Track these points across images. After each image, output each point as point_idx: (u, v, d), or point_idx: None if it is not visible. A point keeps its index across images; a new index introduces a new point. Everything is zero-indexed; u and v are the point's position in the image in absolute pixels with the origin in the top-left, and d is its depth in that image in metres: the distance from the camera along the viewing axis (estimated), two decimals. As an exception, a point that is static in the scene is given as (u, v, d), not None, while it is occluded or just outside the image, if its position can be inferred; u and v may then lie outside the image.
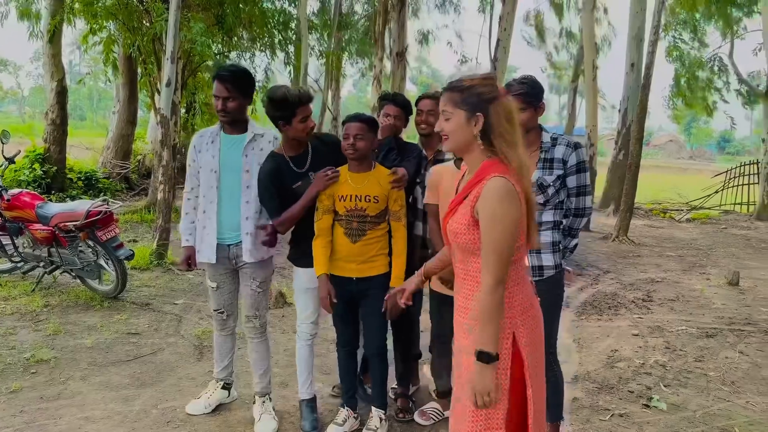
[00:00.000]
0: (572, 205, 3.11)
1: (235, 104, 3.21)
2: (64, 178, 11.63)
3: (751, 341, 5.39)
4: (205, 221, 3.34)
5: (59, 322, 5.12)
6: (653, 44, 10.61)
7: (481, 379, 2.04)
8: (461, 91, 2.11)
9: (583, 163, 3.07)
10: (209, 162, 3.30)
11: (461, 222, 2.12)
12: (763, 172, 14.91)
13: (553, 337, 3.13)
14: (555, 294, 3.11)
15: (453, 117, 2.12)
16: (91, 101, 71.58)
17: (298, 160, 3.25)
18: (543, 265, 3.04)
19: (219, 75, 3.22)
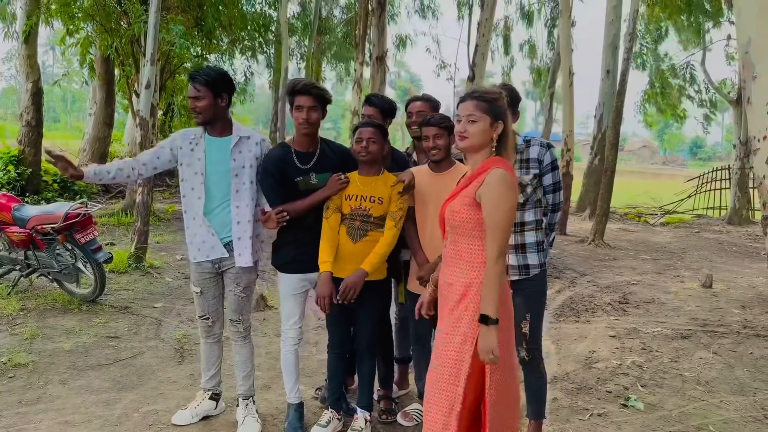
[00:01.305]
0: (549, 201, 3.25)
1: (205, 103, 3.20)
2: (39, 180, 11.45)
3: (724, 342, 5.52)
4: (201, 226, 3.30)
5: (36, 326, 5.05)
6: (628, 51, 10.82)
7: (485, 339, 2.36)
8: (489, 101, 2.47)
9: (556, 161, 3.23)
10: (194, 164, 3.28)
11: (462, 203, 2.47)
12: (734, 178, 15.26)
13: (538, 335, 3.20)
14: (540, 292, 3.21)
15: (479, 121, 2.47)
16: (65, 103, 70.49)
17: (304, 156, 3.28)
18: (528, 264, 3.12)
19: (191, 75, 3.26)
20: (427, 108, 3.76)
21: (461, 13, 16.88)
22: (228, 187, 3.28)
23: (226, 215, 3.30)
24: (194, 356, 4.62)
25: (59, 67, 59.16)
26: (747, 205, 15.26)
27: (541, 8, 18.86)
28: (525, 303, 3.14)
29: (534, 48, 20.15)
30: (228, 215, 3.29)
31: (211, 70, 3.26)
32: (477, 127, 2.47)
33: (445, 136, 3.29)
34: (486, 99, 2.47)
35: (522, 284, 3.13)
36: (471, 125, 2.47)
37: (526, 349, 3.17)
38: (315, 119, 3.21)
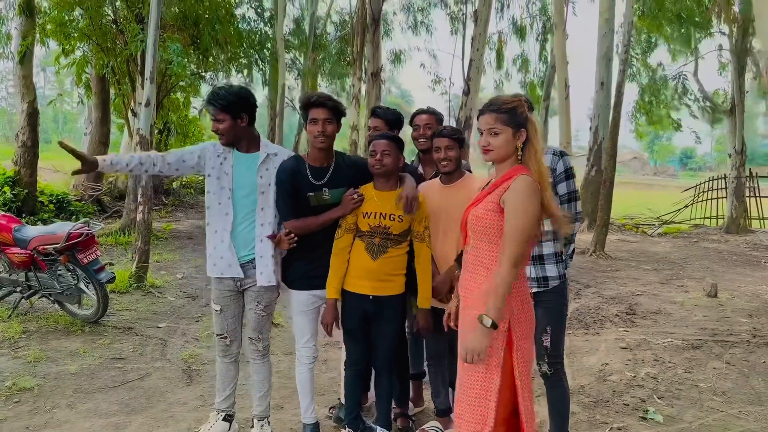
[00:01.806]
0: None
1: (225, 126, 3.15)
2: (34, 201, 11.33)
3: (736, 352, 5.48)
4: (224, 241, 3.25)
5: (40, 349, 4.94)
6: (624, 63, 10.88)
7: (476, 339, 2.40)
8: (507, 112, 2.47)
9: (571, 169, 3.16)
10: (222, 178, 3.22)
11: (486, 208, 2.48)
12: (730, 187, 15.32)
13: (560, 349, 3.14)
14: (561, 304, 3.14)
15: (502, 133, 2.48)
16: (57, 123, 70.27)
17: (318, 172, 3.22)
18: (548, 276, 3.06)
19: (207, 99, 3.22)
20: (433, 120, 3.76)
21: (454, 27, 16.98)
22: (253, 204, 3.22)
23: (250, 232, 3.24)
24: (202, 376, 4.53)
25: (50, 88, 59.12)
26: (744, 213, 15.30)
27: (533, 23, 19.00)
28: (545, 315, 3.08)
29: (527, 62, 20.26)
30: (252, 232, 3.24)
31: (228, 93, 3.19)
32: (500, 140, 2.48)
33: (456, 148, 3.27)
34: (505, 110, 2.47)
35: (541, 296, 3.07)
36: (494, 138, 2.49)
37: (547, 362, 3.12)
38: (331, 132, 3.16)
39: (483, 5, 13.00)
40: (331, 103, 3.15)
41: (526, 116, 2.49)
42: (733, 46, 14.99)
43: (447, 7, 17.75)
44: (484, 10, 13.00)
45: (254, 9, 14.04)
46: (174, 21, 10.97)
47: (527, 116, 2.49)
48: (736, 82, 14.89)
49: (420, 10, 18.84)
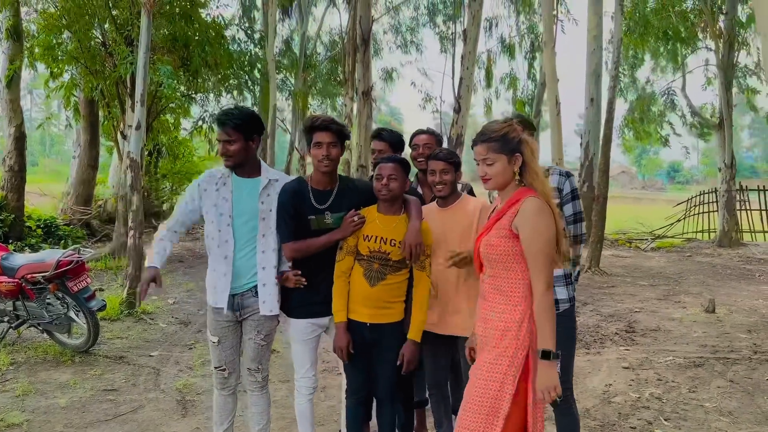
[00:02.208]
0: (571, 233, 3.11)
1: (237, 147, 3.07)
2: (22, 226, 11.16)
3: (738, 369, 5.42)
4: (219, 267, 3.15)
5: (28, 381, 4.79)
6: (614, 80, 10.94)
7: (546, 376, 2.32)
8: (498, 140, 2.45)
9: (576, 190, 3.12)
10: (220, 205, 3.13)
11: (498, 235, 2.44)
12: (721, 201, 15.38)
13: (570, 374, 3.06)
14: (570, 327, 3.07)
15: (497, 162, 2.46)
16: (44, 146, 69.93)
17: (322, 195, 3.14)
18: (558, 299, 2.98)
19: (218, 119, 3.12)
20: (432, 141, 3.72)
21: (444, 46, 17.07)
22: (254, 231, 3.13)
23: (251, 259, 3.14)
24: (198, 407, 4.40)
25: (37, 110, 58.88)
26: (735, 227, 15.35)
27: (522, 41, 19.13)
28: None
29: (515, 80, 20.38)
30: (252, 259, 3.14)
31: (241, 113, 3.12)
32: (495, 168, 2.46)
33: (452, 172, 3.20)
34: (495, 138, 2.46)
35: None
36: (489, 167, 2.48)
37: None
38: (335, 155, 3.09)
39: (472, 24, 13.06)
40: (335, 127, 3.08)
41: (519, 139, 2.45)
42: (720, 61, 15.13)
43: (436, 27, 17.86)
44: (473, 29, 13.06)
45: (244, 30, 14.03)
46: (164, 43, 10.92)
47: (521, 139, 2.46)
48: (723, 96, 15.02)
49: (409, 30, 18.95)
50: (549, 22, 12.15)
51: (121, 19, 10.51)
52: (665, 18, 15.31)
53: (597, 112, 13.84)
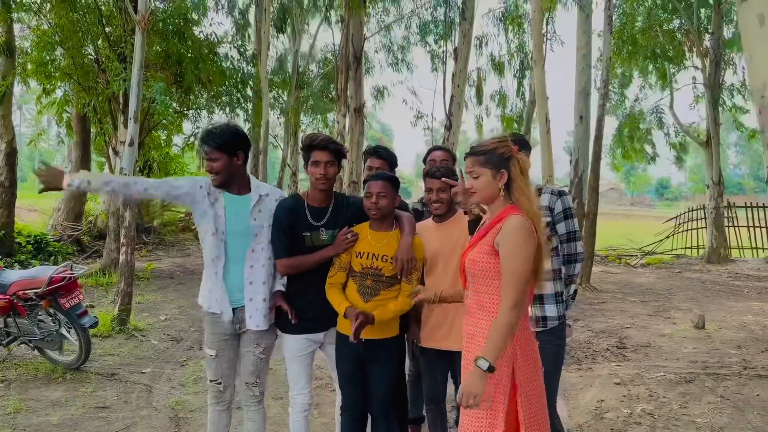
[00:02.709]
0: (565, 252, 3.13)
1: (220, 165, 3.08)
2: (12, 242, 11.10)
3: (729, 385, 5.46)
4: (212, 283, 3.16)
5: (19, 399, 4.76)
6: (603, 98, 11.09)
7: (473, 383, 2.32)
8: (485, 154, 2.49)
9: (570, 209, 3.12)
10: (214, 221, 3.13)
11: (481, 251, 2.47)
12: (710, 217, 15.54)
13: (553, 391, 3.07)
14: (557, 345, 3.09)
15: (481, 176, 2.49)
16: (33, 162, 69.58)
17: (317, 212, 3.18)
18: (547, 316, 3.03)
19: (201, 138, 3.14)
20: (449, 158, 3.79)
21: (435, 65, 17.25)
22: (246, 247, 3.15)
23: (241, 275, 3.16)
24: (191, 425, 4.38)
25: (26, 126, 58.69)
26: (724, 243, 15.50)
27: (511, 60, 19.35)
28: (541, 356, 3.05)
29: (504, 98, 20.58)
30: (243, 275, 3.16)
31: (223, 131, 3.13)
32: (480, 182, 2.50)
33: (448, 190, 3.24)
34: (483, 152, 2.50)
35: (538, 336, 3.01)
36: (474, 181, 2.52)
37: None
38: (332, 174, 3.13)
39: (463, 43, 13.25)
40: (333, 147, 3.12)
41: (508, 156, 2.47)
42: (707, 80, 15.38)
43: (427, 45, 18.06)
44: (464, 48, 13.25)
45: (237, 48, 14.13)
46: (157, 60, 10.99)
47: (510, 156, 2.47)
48: (711, 114, 15.24)
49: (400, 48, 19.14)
50: (538, 41, 12.32)
51: (115, 36, 10.59)
52: (653, 37, 15.56)
53: (586, 130, 13.98)
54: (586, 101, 14.44)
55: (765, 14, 2.57)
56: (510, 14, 17.33)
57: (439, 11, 17.02)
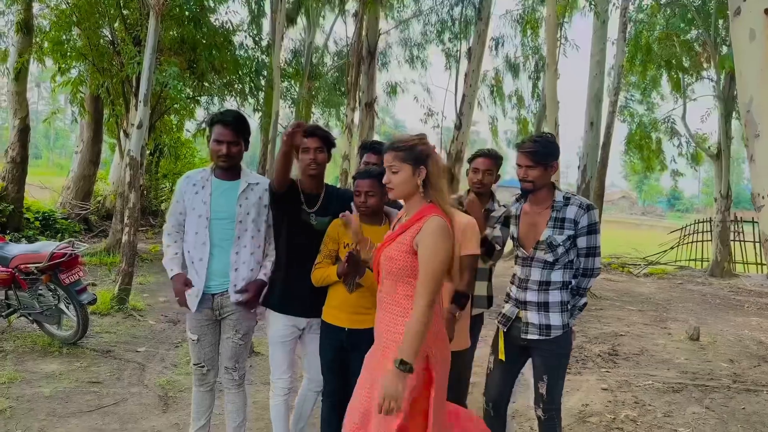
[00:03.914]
0: (581, 265, 3.10)
1: (238, 149, 3.19)
2: (20, 217, 11.26)
3: (715, 396, 5.48)
4: (192, 268, 3.24)
5: (15, 369, 4.87)
6: (613, 105, 11.07)
7: (394, 385, 2.34)
8: (405, 150, 2.51)
9: (595, 224, 3.05)
10: (199, 207, 3.21)
11: (399, 249, 2.48)
12: (716, 231, 15.47)
13: (556, 396, 3.13)
14: (561, 354, 3.12)
15: (401, 171, 2.51)
16: (48, 140, 70.21)
17: (310, 198, 3.27)
18: (551, 324, 3.05)
19: (224, 119, 3.17)
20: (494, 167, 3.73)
21: (449, 64, 17.24)
22: (231, 233, 3.21)
23: (226, 260, 3.23)
24: (179, 404, 4.48)
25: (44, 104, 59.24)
26: (728, 257, 15.42)
27: (526, 61, 19.32)
28: (543, 364, 3.11)
29: (522, 99, 20.55)
30: (227, 262, 3.22)
31: (241, 116, 3.23)
32: (399, 177, 2.52)
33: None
34: (402, 148, 2.51)
35: (541, 344, 3.08)
36: (394, 176, 2.53)
37: (542, 408, 3.14)
38: (322, 160, 3.22)
39: (477, 43, 13.26)
40: (321, 133, 3.22)
41: (427, 154, 2.50)
42: (720, 92, 15.30)
43: (443, 44, 18.04)
44: (477, 48, 13.26)
45: (252, 37, 14.22)
46: (171, 45, 11.09)
47: (429, 154, 2.51)
48: (722, 127, 15.16)
49: (416, 45, 19.15)
50: (552, 45, 12.31)
51: (131, 19, 10.70)
52: (669, 47, 15.49)
53: (596, 136, 13.98)
54: (597, 108, 14.42)
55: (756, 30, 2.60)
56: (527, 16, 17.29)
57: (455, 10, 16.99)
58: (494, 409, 3.29)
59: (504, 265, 13.94)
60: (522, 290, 3.16)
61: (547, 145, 3.05)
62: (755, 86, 2.57)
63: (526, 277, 3.14)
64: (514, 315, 3.19)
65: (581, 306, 3.20)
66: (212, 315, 3.28)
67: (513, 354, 3.22)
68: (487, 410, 3.32)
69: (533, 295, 3.11)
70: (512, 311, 3.21)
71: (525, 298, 3.14)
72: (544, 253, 3.05)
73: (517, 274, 3.23)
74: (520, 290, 3.17)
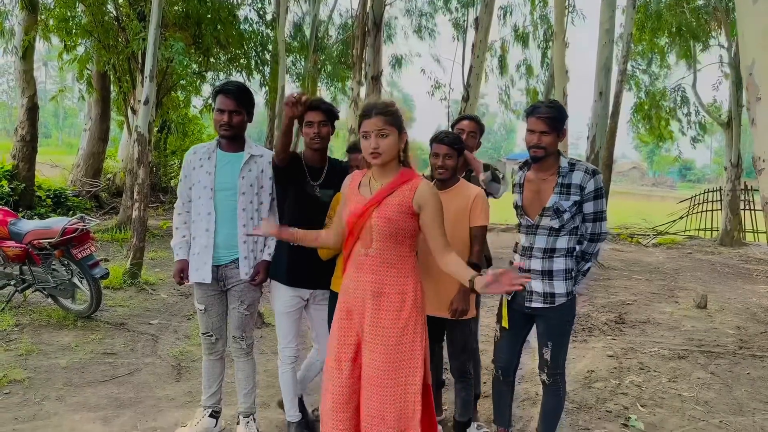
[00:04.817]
0: (588, 230, 3.12)
1: (240, 119, 3.22)
2: (32, 195, 11.39)
3: (721, 362, 5.53)
4: (199, 239, 3.30)
5: (31, 342, 5.00)
6: (622, 74, 10.96)
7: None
8: (392, 114, 2.58)
9: (601, 189, 3.06)
10: (204, 179, 3.26)
11: (398, 211, 2.57)
12: (726, 200, 15.38)
13: (560, 361, 3.19)
14: (565, 321, 3.16)
15: (390, 135, 2.57)
16: (57, 119, 70.43)
17: (314, 171, 3.31)
18: (555, 293, 3.09)
19: (225, 89, 3.20)
20: (476, 129, 3.79)
21: (457, 34, 17.06)
22: (234, 204, 3.26)
23: (232, 232, 3.28)
24: (192, 373, 4.58)
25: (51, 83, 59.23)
26: (738, 226, 15.35)
27: (535, 30, 19.07)
28: (547, 331, 3.15)
29: (531, 69, 20.32)
30: (234, 232, 3.28)
31: (244, 86, 3.27)
32: (389, 141, 2.56)
33: (455, 157, 3.31)
34: (391, 112, 2.57)
35: (546, 312, 3.12)
36: (382, 140, 2.55)
37: (546, 373, 3.21)
38: (326, 133, 3.25)
39: (484, 13, 13.10)
40: (325, 106, 3.23)
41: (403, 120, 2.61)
42: (732, 59, 15.08)
43: (450, 13, 17.82)
44: (485, 18, 13.10)
45: (256, 11, 14.12)
46: (176, 20, 11.04)
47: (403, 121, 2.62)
48: (733, 95, 14.97)
49: (423, 15, 18.94)
50: (560, 14, 12.18)
51: (135, -6, 10.64)
52: (679, 14, 15.24)
53: (605, 106, 13.83)
54: (606, 77, 14.25)
55: (759, -9, 2.58)
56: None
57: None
58: (503, 375, 3.37)
59: (507, 237, 13.96)
60: (526, 258, 3.18)
61: (561, 110, 3.04)
62: (757, 49, 2.56)
63: (531, 245, 3.15)
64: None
65: (585, 271, 3.22)
66: (218, 286, 3.35)
67: (518, 321, 3.27)
68: (496, 376, 3.40)
69: (537, 263, 3.12)
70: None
71: (529, 266, 3.15)
72: (550, 219, 3.06)
73: (521, 243, 3.25)
74: (524, 258, 3.20)
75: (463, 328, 3.36)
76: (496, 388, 3.44)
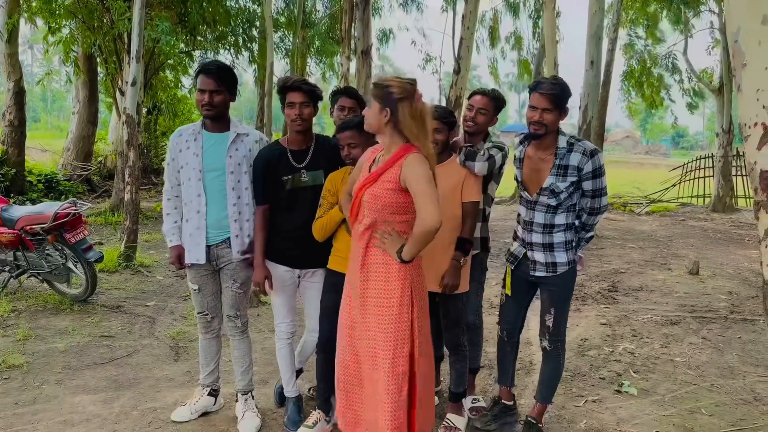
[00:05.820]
0: (588, 205, 3.17)
1: (221, 98, 3.19)
2: (23, 180, 11.33)
3: (713, 328, 5.61)
4: (192, 221, 3.30)
5: (29, 327, 5.02)
6: (613, 42, 10.90)
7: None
8: (378, 88, 2.62)
9: (600, 168, 3.06)
10: (191, 160, 3.25)
11: (385, 187, 2.61)
12: (717, 166, 15.43)
13: (562, 328, 3.31)
14: (566, 288, 3.29)
15: (372, 107, 2.65)
16: (45, 102, 69.70)
17: (299, 154, 3.27)
18: (557, 262, 3.19)
19: (205, 69, 3.19)
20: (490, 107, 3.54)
21: (447, 5, 16.85)
22: (223, 184, 3.26)
23: (222, 212, 3.28)
24: (189, 353, 4.62)
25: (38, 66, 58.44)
26: (730, 192, 15.42)
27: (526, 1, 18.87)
28: (550, 298, 3.26)
29: (520, 40, 20.15)
30: (224, 212, 3.28)
31: (226, 67, 3.25)
32: (369, 112, 2.67)
33: (445, 131, 3.28)
34: (377, 85, 2.64)
35: (549, 280, 3.23)
36: (368, 110, 2.68)
37: (548, 339, 3.31)
38: (308, 115, 3.20)
39: (473, -17, 12.94)
40: (306, 87, 3.19)
41: (398, 98, 2.56)
42: (722, 25, 14.99)
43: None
44: (474, -12, 12.95)
45: (242, -13, 13.95)
46: (161, -1, 10.89)
47: (400, 98, 2.56)
48: (724, 61, 14.92)
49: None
50: (549, -18, 12.05)
51: (119, -27, 10.45)
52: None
53: (596, 75, 13.76)
54: (597, 46, 14.15)
55: (745, -44, 2.57)
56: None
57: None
58: (508, 336, 3.52)
59: (507, 208, 14.01)
60: (527, 232, 3.27)
61: (565, 88, 3.02)
62: (743, 16, 2.55)
63: (531, 219, 3.24)
64: (521, 254, 3.32)
65: (588, 238, 3.31)
66: (210, 266, 3.36)
67: (522, 287, 3.40)
68: (501, 337, 3.54)
69: (538, 237, 3.22)
70: (519, 251, 3.34)
71: (531, 239, 3.25)
72: (548, 198, 3.12)
73: (522, 215, 3.33)
74: (525, 231, 3.29)
75: (455, 302, 3.39)
76: (501, 349, 3.58)
